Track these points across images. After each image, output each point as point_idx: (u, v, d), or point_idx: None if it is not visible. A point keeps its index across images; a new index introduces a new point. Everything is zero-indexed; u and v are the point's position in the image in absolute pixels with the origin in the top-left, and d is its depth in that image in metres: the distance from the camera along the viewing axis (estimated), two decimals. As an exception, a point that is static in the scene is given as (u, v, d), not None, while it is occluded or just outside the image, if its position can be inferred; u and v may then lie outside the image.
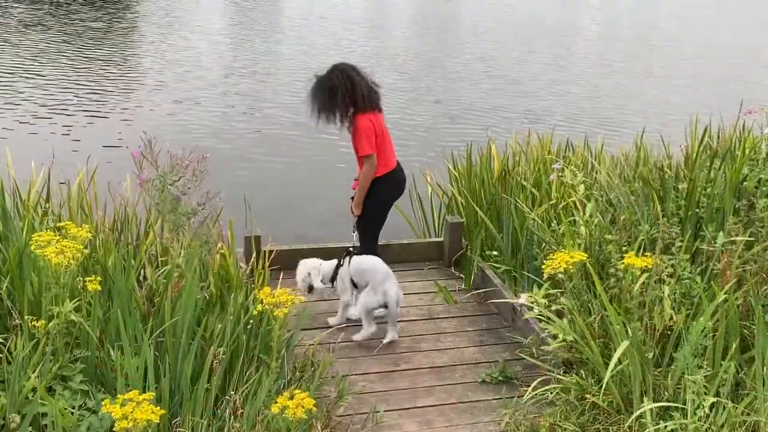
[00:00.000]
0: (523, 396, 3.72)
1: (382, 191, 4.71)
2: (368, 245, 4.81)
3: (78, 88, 12.16)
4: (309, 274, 4.61)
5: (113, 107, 11.32)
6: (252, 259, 4.40)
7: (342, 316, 4.62)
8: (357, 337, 4.47)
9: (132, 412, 2.31)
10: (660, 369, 3.51)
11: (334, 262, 4.63)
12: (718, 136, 5.91)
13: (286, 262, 4.91)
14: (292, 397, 2.52)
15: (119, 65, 14.08)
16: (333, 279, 4.61)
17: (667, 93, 14.29)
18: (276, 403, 2.53)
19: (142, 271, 3.93)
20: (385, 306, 4.41)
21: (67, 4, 20.23)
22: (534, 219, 4.91)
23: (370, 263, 4.53)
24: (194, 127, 10.44)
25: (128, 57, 14.95)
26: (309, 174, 8.87)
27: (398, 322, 4.67)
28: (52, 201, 4.80)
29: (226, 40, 17.05)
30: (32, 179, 4.96)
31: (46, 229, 3.75)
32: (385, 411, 3.76)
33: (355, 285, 4.56)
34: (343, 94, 4.49)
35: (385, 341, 4.44)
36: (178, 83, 12.85)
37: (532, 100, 13.20)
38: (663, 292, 3.53)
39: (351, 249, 4.69)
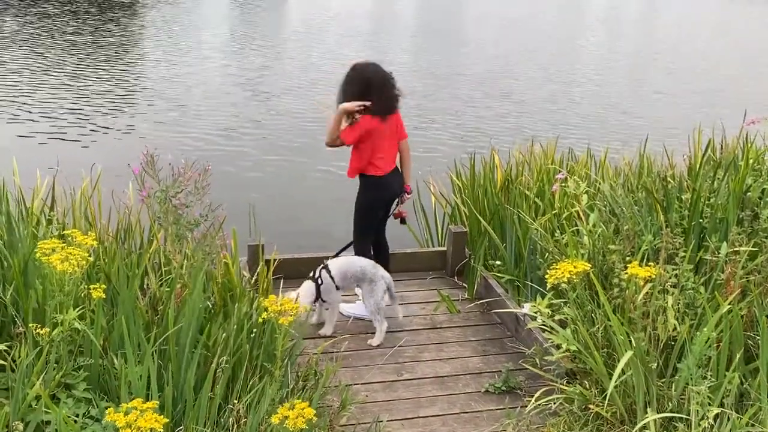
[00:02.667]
0: (526, 406, 3.72)
1: (369, 191, 4.80)
2: (357, 241, 4.91)
3: (82, 98, 12.21)
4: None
5: (117, 116, 11.36)
6: (256, 268, 4.40)
7: (331, 326, 4.64)
8: (375, 341, 4.52)
9: (136, 420, 2.31)
10: (664, 379, 3.50)
11: (310, 284, 4.56)
12: (722, 147, 5.92)
13: (289, 271, 4.92)
14: (292, 408, 2.52)
15: (123, 76, 14.14)
16: (318, 297, 4.58)
17: (670, 103, 14.30)
18: (277, 413, 2.52)
19: (145, 279, 3.94)
20: (389, 291, 4.60)
21: (71, 15, 20.33)
22: (537, 229, 4.91)
23: (353, 264, 4.64)
24: (197, 137, 10.47)
25: (132, 68, 15.02)
26: (312, 182, 8.89)
27: (401, 331, 4.69)
28: (56, 209, 4.81)
29: (228, 53, 17.12)
30: (36, 187, 4.98)
31: (51, 236, 3.76)
32: (388, 421, 3.75)
33: (337, 287, 4.66)
34: (371, 91, 4.60)
35: (400, 317, 4.69)
36: (180, 94, 12.90)
37: (535, 110, 13.22)
38: (666, 303, 3.52)
39: (323, 264, 4.67)
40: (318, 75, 14.64)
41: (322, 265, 4.63)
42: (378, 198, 4.85)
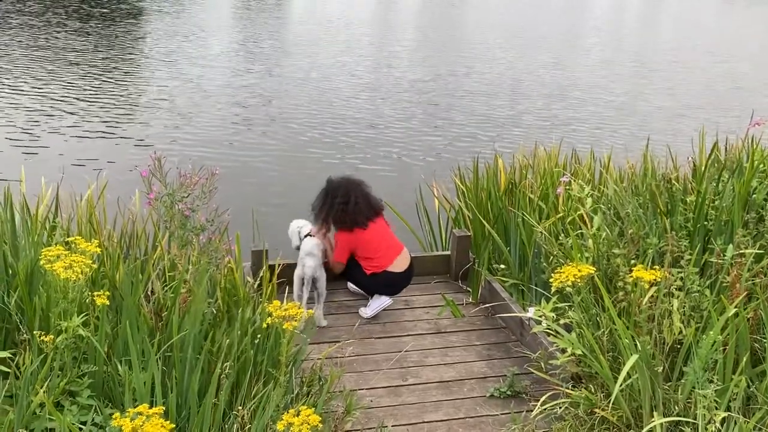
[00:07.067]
0: (532, 411, 3.70)
1: (379, 281, 4.93)
2: (348, 272, 5.05)
3: (88, 104, 12.25)
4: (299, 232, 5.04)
5: (123, 123, 11.39)
6: (260, 274, 4.40)
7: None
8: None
9: (142, 426, 2.31)
10: (670, 383, 3.48)
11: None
12: (726, 148, 5.89)
13: (292, 276, 4.91)
14: (297, 414, 2.51)
15: (129, 82, 14.18)
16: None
17: (674, 105, 14.27)
18: (282, 419, 2.52)
19: (149, 285, 3.94)
20: (304, 280, 4.71)
21: (76, 20, 20.42)
22: (541, 232, 4.90)
23: (303, 244, 4.91)
24: (203, 142, 10.49)
25: (138, 74, 15.06)
26: (316, 188, 8.87)
27: (406, 335, 4.67)
28: (61, 216, 4.82)
29: (233, 59, 17.15)
30: (41, 194, 4.98)
31: (55, 243, 3.76)
32: (392, 426, 3.75)
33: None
34: (333, 212, 4.88)
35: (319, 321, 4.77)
36: (187, 99, 12.93)
37: (538, 113, 13.22)
38: (672, 306, 3.51)
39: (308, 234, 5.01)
40: (322, 83, 14.67)
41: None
42: (382, 291, 4.96)
